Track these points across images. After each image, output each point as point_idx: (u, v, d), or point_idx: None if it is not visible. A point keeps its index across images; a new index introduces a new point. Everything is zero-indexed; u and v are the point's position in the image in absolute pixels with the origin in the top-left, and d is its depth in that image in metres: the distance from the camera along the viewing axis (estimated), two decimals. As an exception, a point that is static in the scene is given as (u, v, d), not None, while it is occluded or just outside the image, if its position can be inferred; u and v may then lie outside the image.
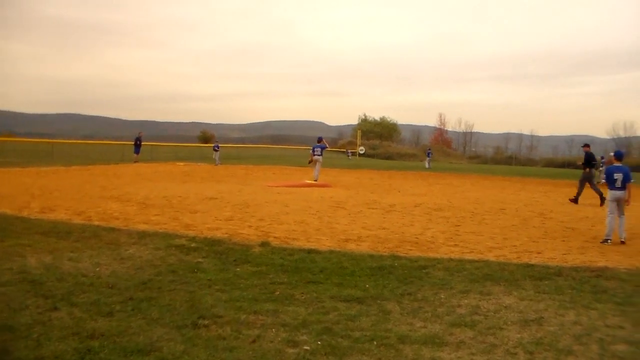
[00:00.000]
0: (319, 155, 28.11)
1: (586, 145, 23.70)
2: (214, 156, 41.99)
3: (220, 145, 46.80)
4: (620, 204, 12.94)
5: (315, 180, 26.80)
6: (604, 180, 13.20)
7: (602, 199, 20.55)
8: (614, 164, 13.23)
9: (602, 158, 39.44)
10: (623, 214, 13.03)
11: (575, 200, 22.36)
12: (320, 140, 29.03)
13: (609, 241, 12.65)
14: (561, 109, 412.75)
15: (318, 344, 5.63)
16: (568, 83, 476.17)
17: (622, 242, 12.67)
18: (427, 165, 53.30)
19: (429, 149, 63.98)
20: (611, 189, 12.98)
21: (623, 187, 12.82)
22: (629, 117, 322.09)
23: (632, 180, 12.94)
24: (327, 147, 30.13)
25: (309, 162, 29.69)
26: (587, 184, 22.63)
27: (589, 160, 22.75)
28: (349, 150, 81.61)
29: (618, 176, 12.80)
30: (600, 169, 37.49)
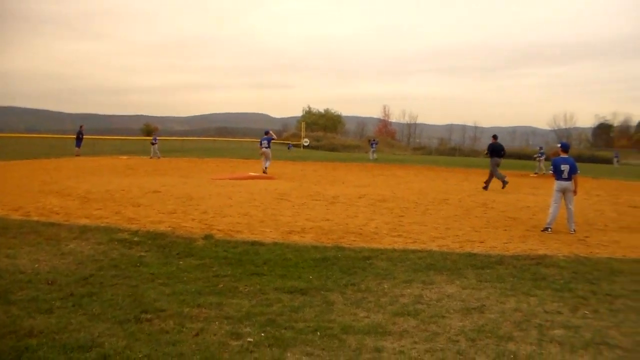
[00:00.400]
0: (266, 147, 28.54)
1: (494, 137, 26.10)
2: (152, 149, 41.40)
3: (162, 138, 46.27)
4: (567, 194, 13.22)
5: (264, 172, 27.24)
6: (550, 171, 13.46)
7: (504, 182, 23.91)
8: (561, 156, 13.47)
9: (541, 149, 40.20)
10: (571, 205, 13.30)
11: (485, 187, 24.19)
12: (267, 132, 29.73)
13: (549, 229, 12.95)
14: (503, 100, 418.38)
15: (261, 335, 5.64)
16: (509, 75, 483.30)
17: (574, 232, 12.99)
18: (371, 157, 53.35)
19: (373, 139, 63.46)
20: (558, 180, 13.26)
21: (569, 178, 13.11)
22: (569, 109, 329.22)
23: (578, 172, 13.26)
24: (274, 139, 30.57)
25: (261, 154, 29.73)
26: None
27: (498, 150, 24.83)
28: (290, 143, 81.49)
29: (565, 167, 13.09)
30: (539, 158, 38.23)
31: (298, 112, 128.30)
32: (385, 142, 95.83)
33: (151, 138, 43.91)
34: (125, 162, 34.05)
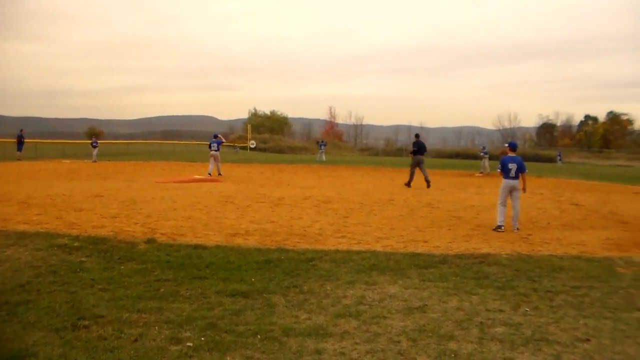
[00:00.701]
0: (216, 150, 28.94)
1: (417, 136, 27.30)
2: (93, 152, 40.70)
3: (107, 142, 45.64)
4: (513, 193, 13.46)
5: (210, 175, 27.70)
6: (498, 170, 13.68)
7: (427, 182, 24.84)
8: (509, 155, 13.70)
9: (484, 148, 40.75)
10: (518, 204, 13.55)
11: (408, 184, 25.51)
12: (216, 136, 30.20)
13: (501, 227, 13.19)
14: (449, 101, 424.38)
15: (202, 340, 5.58)
16: (454, 76, 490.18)
17: (517, 230, 13.23)
18: (317, 158, 53.45)
19: (322, 141, 63.60)
20: (505, 178, 13.48)
21: (517, 177, 13.37)
22: (514, 109, 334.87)
23: (526, 170, 13.55)
24: (223, 142, 30.95)
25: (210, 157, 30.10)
26: (418, 169, 25.56)
27: (420, 149, 25.70)
28: (236, 145, 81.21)
29: (512, 166, 13.34)
30: (483, 156, 38.73)
31: (244, 114, 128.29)
32: (332, 144, 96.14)
33: (90, 141, 43.21)
34: (68, 167, 33.51)
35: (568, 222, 15.02)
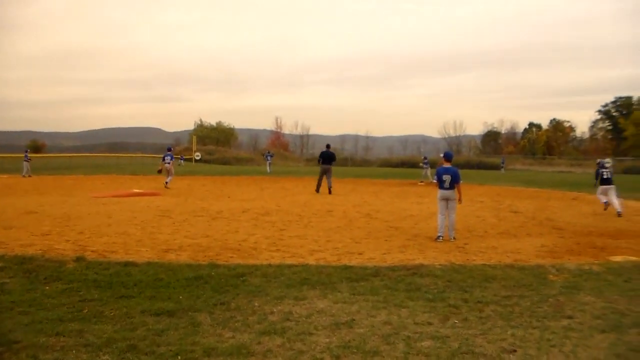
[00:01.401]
0: (168, 163, 29.85)
1: (327, 146, 29.14)
2: (25, 166, 39.47)
3: (47, 155, 44.60)
4: (449, 203, 13.55)
5: (166, 184, 28.88)
6: (435, 180, 13.82)
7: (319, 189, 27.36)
8: (444, 166, 13.81)
9: (425, 158, 41.16)
10: (454, 214, 13.63)
11: (328, 190, 27.19)
12: (169, 149, 31.37)
13: (440, 238, 13.28)
14: (395, 110, 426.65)
15: (119, 363, 5.44)
16: (400, 85, 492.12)
17: (454, 239, 13.34)
18: (268, 170, 53.35)
19: (268, 152, 63.63)
20: (440, 189, 13.59)
21: (451, 187, 13.44)
22: (459, 117, 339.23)
23: (461, 181, 13.61)
24: (173, 157, 31.40)
25: (159, 171, 31.49)
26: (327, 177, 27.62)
27: (328, 158, 28.16)
28: (182, 156, 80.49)
29: (447, 177, 13.43)
30: (424, 167, 39.04)
31: (191, 126, 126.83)
32: (279, 154, 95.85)
33: (22, 155, 42.07)
34: (5, 182, 32.73)
35: (505, 230, 15.20)
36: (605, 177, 20.55)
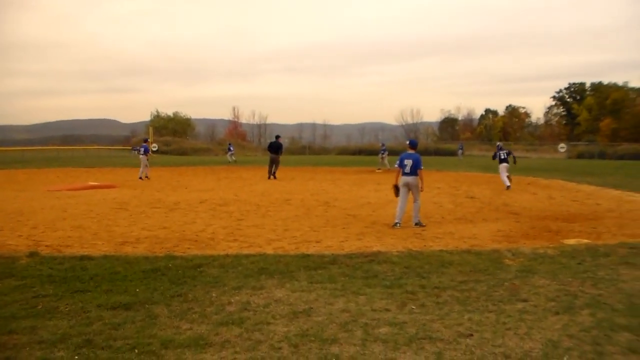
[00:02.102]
0: (142, 154, 30.53)
1: (277, 137, 31.61)
2: None
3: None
4: (412, 189, 13.67)
5: (141, 178, 29.53)
6: (397, 165, 13.87)
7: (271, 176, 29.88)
8: (407, 152, 13.93)
9: (383, 146, 41.33)
10: (417, 200, 13.75)
11: (272, 176, 29.74)
12: (146, 141, 33.03)
13: (398, 224, 13.38)
14: (353, 98, 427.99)
15: (75, 358, 5.36)
16: (356, 73, 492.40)
17: (417, 225, 13.54)
18: (230, 159, 53.36)
19: (230, 143, 63.97)
20: (402, 175, 13.68)
21: (412, 173, 13.52)
22: (416, 104, 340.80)
23: (421, 167, 13.67)
24: (149, 148, 32.66)
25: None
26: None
27: (275, 148, 30.44)
28: (136, 147, 79.72)
29: (408, 162, 13.56)
30: (382, 154, 39.18)
31: (147, 117, 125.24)
32: (236, 144, 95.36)
33: None
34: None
35: (462, 215, 15.34)
36: (502, 157, 24.96)
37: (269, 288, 7.86)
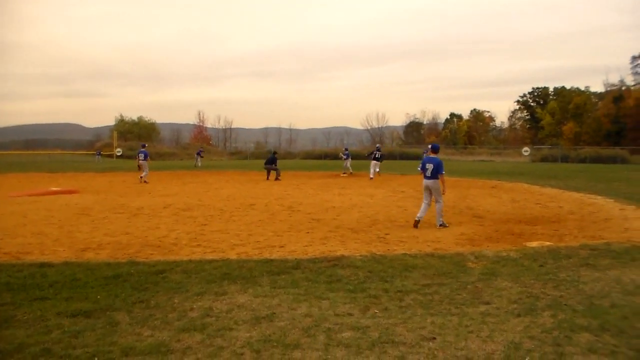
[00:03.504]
0: (142, 160, 31.47)
1: (273, 152, 34.72)
2: None
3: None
4: (433, 191, 14.14)
5: (142, 179, 30.58)
6: (419, 169, 14.66)
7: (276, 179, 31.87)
8: (429, 156, 14.39)
9: (346, 150, 41.46)
10: (439, 201, 14.22)
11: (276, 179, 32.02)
12: (144, 146, 33.60)
13: (418, 222, 14.09)
14: (318, 102, 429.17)
15: (32, 368, 5.25)
16: (322, 78, 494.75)
17: (441, 226, 14.08)
18: (198, 164, 53.51)
19: (200, 149, 64.69)
20: (424, 178, 14.22)
21: (432, 177, 13.98)
22: (382, 109, 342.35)
23: (442, 172, 14.05)
24: (148, 154, 32.61)
25: (139, 168, 32.48)
26: None
27: (269, 161, 33.42)
28: (99, 151, 78.95)
29: (429, 167, 14.00)
30: (344, 159, 39.19)
31: (111, 121, 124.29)
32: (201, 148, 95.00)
33: None
34: None
35: (426, 219, 15.34)
36: (376, 156, 33.12)
37: (232, 293, 7.79)
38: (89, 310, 6.99)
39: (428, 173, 14.03)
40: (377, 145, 38.24)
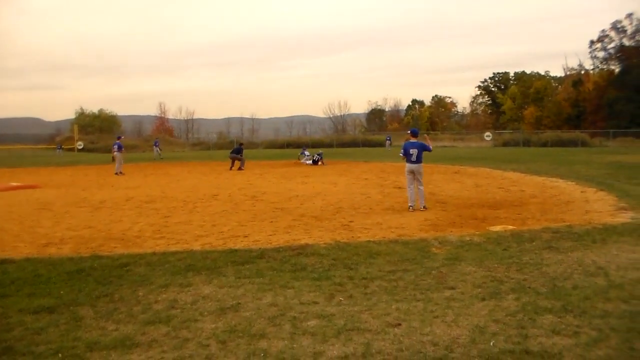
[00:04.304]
0: (117, 151, 32.13)
1: (240, 144, 35.69)
2: None
3: None
4: (416, 175, 14.33)
5: (117, 174, 30.43)
6: (401, 154, 14.77)
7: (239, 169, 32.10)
8: (410, 140, 14.60)
9: (304, 149, 41.51)
10: (421, 185, 14.50)
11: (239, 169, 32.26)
12: (119, 138, 35.03)
13: (411, 207, 14.26)
14: (280, 91, 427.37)
15: (-6, 367, 5.18)
16: (282, 67, 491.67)
17: (425, 208, 14.38)
18: (156, 155, 53.11)
19: (156, 139, 64.01)
20: (407, 162, 14.42)
21: (417, 161, 14.26)
22: (344, 96, 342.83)
23: (430, 149, 14.89)
24: (122, 146, 33.45)
25: (113, 160, 33.42)
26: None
27: (236, 151, 33.96)
28: (60, 144, 77.91)
29: (413, 151, 14.29)
30: (303, 151, 39.20)
31: (71, 115, 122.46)
32: (163, 140, 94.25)
33: None
34: None
35: (390, 206, 15.45)
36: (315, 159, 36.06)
37: (197, 285, 7.76)
38: (52, 306, 6.90)
39: (413, 158, 14.27)
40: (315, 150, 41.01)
